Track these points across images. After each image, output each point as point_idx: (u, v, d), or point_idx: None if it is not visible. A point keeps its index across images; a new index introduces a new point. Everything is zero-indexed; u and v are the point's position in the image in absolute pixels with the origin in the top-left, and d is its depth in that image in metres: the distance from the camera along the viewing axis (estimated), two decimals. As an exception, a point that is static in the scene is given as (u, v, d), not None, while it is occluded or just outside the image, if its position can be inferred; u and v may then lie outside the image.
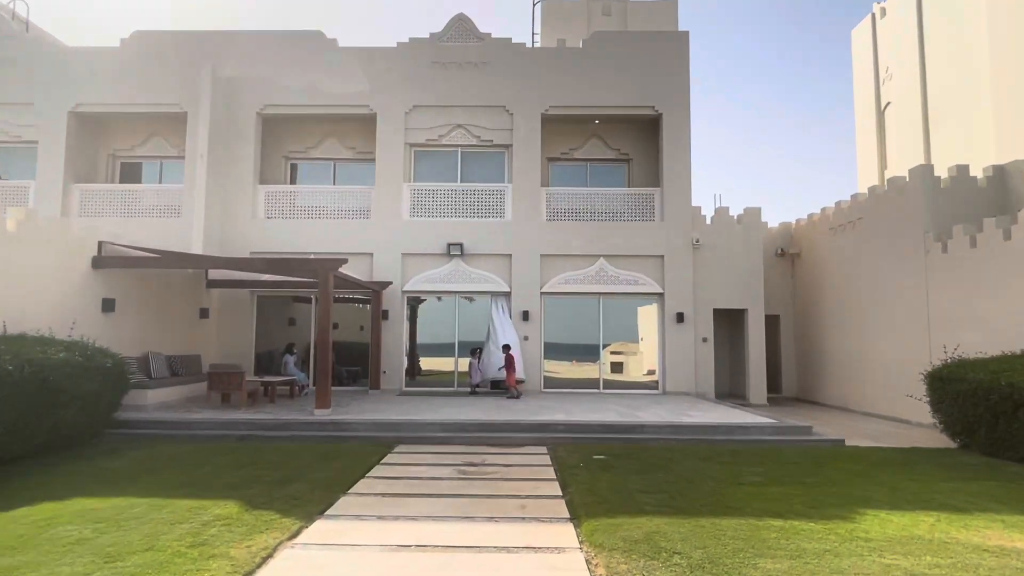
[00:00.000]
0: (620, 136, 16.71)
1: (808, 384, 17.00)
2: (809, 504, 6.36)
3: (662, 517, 5.77)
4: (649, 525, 5.54)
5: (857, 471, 8.02)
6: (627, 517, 5.76)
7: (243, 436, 9.82)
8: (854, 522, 5.77)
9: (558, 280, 15.44)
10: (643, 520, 5.67)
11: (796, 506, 6.27)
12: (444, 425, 10.26)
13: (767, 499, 6.51)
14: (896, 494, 6.82)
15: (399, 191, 15.66)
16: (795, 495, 6.70)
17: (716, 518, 5.77)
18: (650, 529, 5.43)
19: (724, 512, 5.99)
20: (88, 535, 5.12)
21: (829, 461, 8.60)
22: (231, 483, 6.92)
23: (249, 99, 15.83)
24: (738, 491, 6.83)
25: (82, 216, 15.28)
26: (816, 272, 16.64)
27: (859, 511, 6.12)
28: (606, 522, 5.61)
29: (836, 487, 7.13)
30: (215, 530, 5.29)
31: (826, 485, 7.22)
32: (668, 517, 5.78)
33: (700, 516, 5.83)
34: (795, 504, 6.34)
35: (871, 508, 6.24)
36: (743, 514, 5.93)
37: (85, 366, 8.71)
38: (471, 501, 6.44)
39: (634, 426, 10.32)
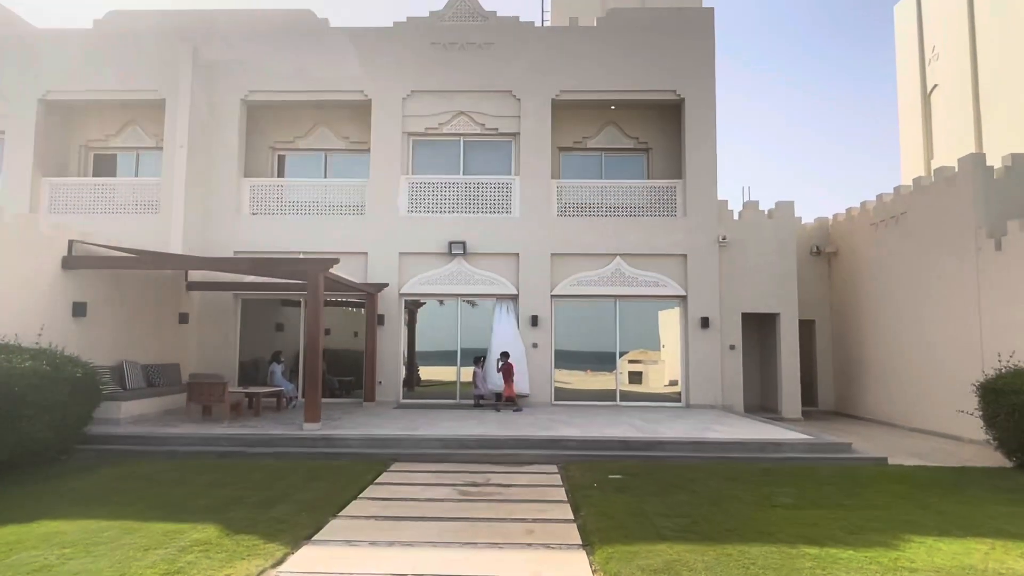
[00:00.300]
0: (638, 123, 16.65)
1: (847, 396, 16.86)
2: (848, 529, 6.28)
3: (684, 544, 5.71)
4: (669, 553, 5.48)
5: (901, 493, 7.92)
6: (645, 544, 5.70)
7: (224, 453, 9.82)
8: (898, 550, 5.69)
9: (570, 282, 15.40)
10: (663, 547, 5.61)
11: (834, 531, 6.19)
12: (444, 441, 10.24)
13: (801, 523, 6.44)
14: (945, 519, 6.72)
15: (396, 184, 15.67)
16: (832, 519, 6.62)
17: (744, 545, 5.70)
18: (670, 557, 5.37)
19: (753, 538, 5.92)
20: (53, 562, 5.12)
21: (870, 481, 8.51)
22: (210, 504, 6.91)
23: (232, 84, 15.89)
24: (769, 514, 6.76)
25: (52, 212, 15.40)
26: (855, 272, 16.51)
27: (904, 537, 6.03)
28: (622, 549, 5.56)
29: (878, 510, 7.04)
30: (192, 557, 5.28)
31: (867, 508, 7.13)
32: (690, 544, 5.72)
33: (726, 543, 5.76)
34: (832, 529, 6.26)
35: (917, 534, 6.15)
36: (774, 540, 5.86)
37: (53, 376, 8.74)
38: (473, 525, 6.40)
39: (653, 443, 10.25)
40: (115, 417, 11.26)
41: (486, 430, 10.97)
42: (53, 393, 8.70)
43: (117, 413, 11.33)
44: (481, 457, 9.77)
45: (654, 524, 6.32)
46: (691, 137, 15.62)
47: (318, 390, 11.05)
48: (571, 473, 8.75)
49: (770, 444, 10.28)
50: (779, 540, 5.87)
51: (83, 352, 10.78)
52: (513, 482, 8.37)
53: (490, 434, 10.57)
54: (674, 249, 15.39)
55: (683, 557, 5.37)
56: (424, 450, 10.03)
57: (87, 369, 9.57)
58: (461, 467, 9.26)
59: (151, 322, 13.60)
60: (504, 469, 9.15)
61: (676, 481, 8.23)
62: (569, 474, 8.71)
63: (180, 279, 14.67)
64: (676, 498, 7.39)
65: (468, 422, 11.97)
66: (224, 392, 11.83)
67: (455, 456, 9.80)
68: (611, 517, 6.55)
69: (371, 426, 11.34)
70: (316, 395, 11.00)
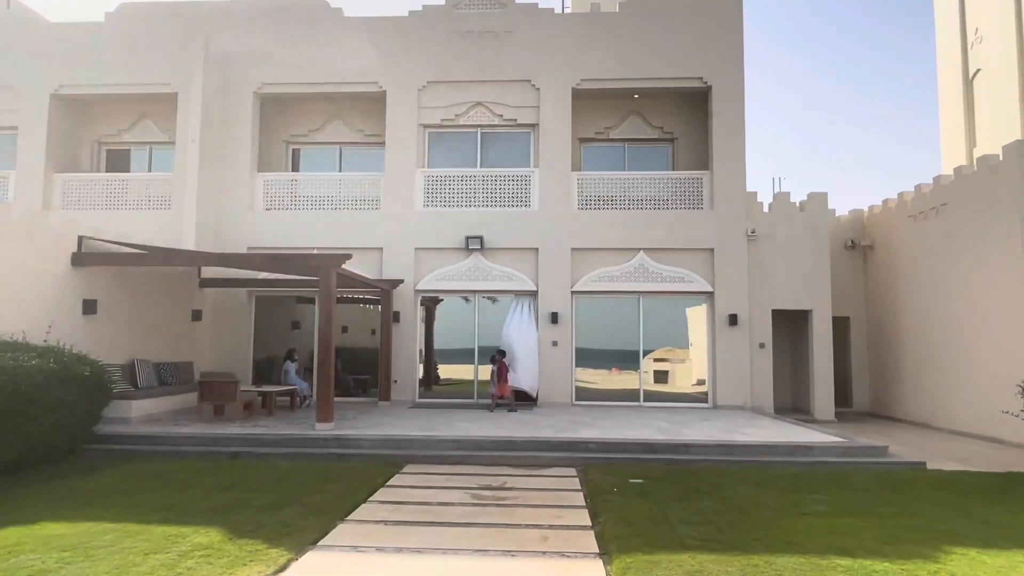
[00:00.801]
0: (663, 112, 16.37)
1: (883, 397, 16.44)
2: (884, 539, 6.04)
3: (708, 553, 5.52)
4: (692, 563, 5.29)
5: (941, 500, 7.64)
6: (666, 553, 5.53)
7: (235, 453, 9.83)
8: (938, 562, 5.45)
9: (591, 277, 15.19)
10: (685, 557, 5.43)
11: (868, 542, 5.96)
12: (459, 442, 10.13)
13: (833, 532, 6.21)
14: (989, 529, 6.45)
15: (411, 178, 15.59)
16: (867, 528, 6.39)
17: (772, 555, 5.50)
18: (693, 568, 5.19)
19: (782, 548, 5.71)
20: (51, 566, 5.09)
21: (908, 487, 8.23)
22: (216, 507, 6.88)
23: (245, 77, 15.93)
24: (799, 523, 6.54)
25: (65, 208, 15.59)
26: (892, 267, 16.07)
27: (944, 549, 5.79)
28: (641, 559, 5.39)
29: (916, 519, 6.78)
30: (192, 562, 5.22)
31: (904, 516, 6.88)
32: (715, 553, 5.53)
33: (753, 553, 5.57)
34: (867, 539, 6.03)
35: (959, 545, 5.89)
36: (804, 551, 5.65)
37: (60, 375, 8.79)
38: (485, 531, 6.28)
39: (678, 445, 10.04)
40: (126, 416, 11.33)
41: (503, 431, 10.84)
42: (60, 392, 8.75)
43: (128, 412, 11.40)
44: (497, 459, 9.64)
45: (676, 532, 6.14)
46: (718, 126, 15.31)
47: (330, 389, 11.00)
48: (590, 477, 8.60)
49: (800, 447, 10.01)
50: (809, 550, 5.65)
51: (94, 350, 10.87)
52: (529, 486, 8.24)
53: (507, 435, 10.44)
54: (701, 243, 15.10)
55: (706, 568, 5.19)
56: (439, 451, 9.93)
57: (95, 367, 9.62)
58: (476, 470, 9.15)
59: (163, 320, 13.69)
60: (521, 472, 9.02)
61: (701, 486, 8.03)
62: (588, 478, 8.55)
63: (193, 276, 14.75)
64: (700, 504, 7.20)
65: (485, 423, 11.85)
66: (236, 391, 11.84)
67: (471, 458, 9.69)
68: (631, 524, 6.38)
69: (385, 426, 11.28)
70: (328, 394, 10.96)
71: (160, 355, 13.40)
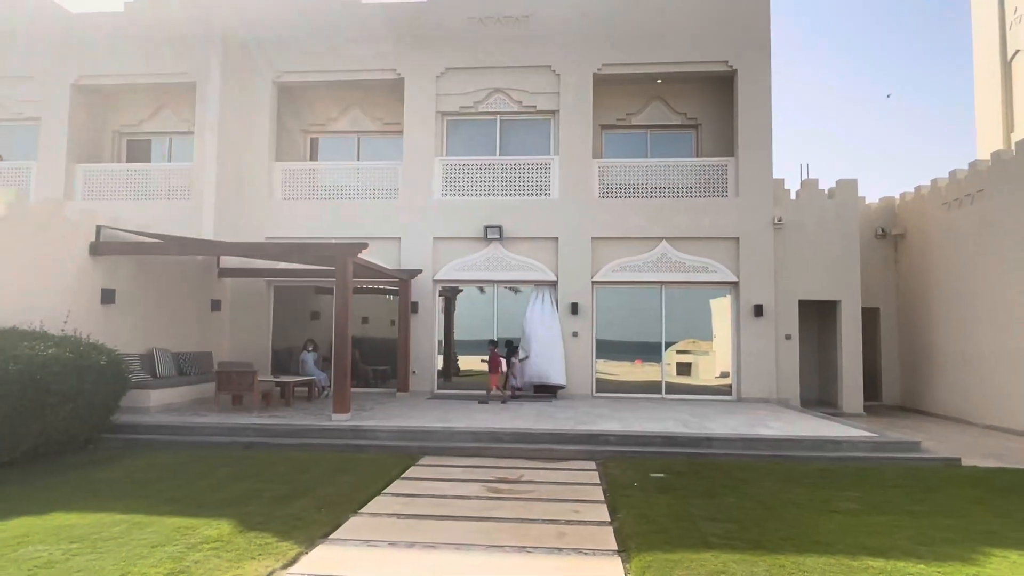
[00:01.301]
0: (686, 98, 16.00)
1: (913, 390, 15.99)
2: (917, 539, 5.77)
3: (732, 552, 5.30)
4: (715, 562, 5.08)
5: (977, 498, 7.33)
6: (688, 551, 5.31)
7: (250, 444, 9.77)
8: (976, 564, 5.18)
9: (612, 267, 14.93)
10: (708, 556, 5.21)
11: (901, 541, 5.69)
12: (476, 434, 9.98)
13: (864, 532, 5.95)
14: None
15: (430, 166, 15.42)
16: (900, 527, 6.11)
17: (799, 555, 5.26)
18: (716, 568, 4.97)
19: (810, 547, 5.46)
20: (58, 557, 5.03)
21: (942, 485, 7.91)
22: (228, 498, 6.80)
23: (263, 66, 15.87)
24: (828, 521, 6.29)
25: (87, 199, 15.66)
26: (925, 256, 15.58)
27: (982, 550, 5.50)
28: (662, 557, 5.18)
29: (951, 518, 6.49)
30: (200, 555, 5.12)
31: (938, 515, 6.58)
32: (739, 553, 5.30)
33: (779, 552, 5.33)
34: (899, 539, 5.76)
35: (997, 547, 5.60)
36: (834, 551, 5.40)
37: (77, 364, 8.78)
38: (500, 526, 6.11)
39: (701, 439, 9.79)
40: (145, 406, 11.36)
41: (522, 423, 10.67)
42: (77, 381, 8.75)
43: (147, 402, 11.43)
44: (515, 452, 9.48)
45: (699, 529, 5.92)
46: (744, 111, 14.91)
47: (347, 380, 10.91)
48: (610, 471, 8.39)
49: (829, 442, 9.71)
50: (839, 551, 5.40)
51: (113, 339, 10.90)
52: (547, 479, 8.06)
53: (525, 427, 10.27)
54: (725, 232, 14.75)
55: (729, 568, 4.97)
56: (455, 443, 9.79)
57: (112, 356, 9.61)
58: (493, 462, 9.00)
59: (182, 309, 13.71)
60: (538, 465, 8.84)
61: (725, 481, 7.79)
62: (608, 472, 8.35)
63: (212, 266, 14.76)
64: (724, 500, 6.96)
65: (503, 414, 11.69)
66: (253, 381, 11.82)
67: (488, 450, 9.54)
68: (651, 520, 6.17)
69: (402, 417, 11.17)
70: (345, 385, 10.87)
71: (179, 345, 13.42)
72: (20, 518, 6.03)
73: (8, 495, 6.91)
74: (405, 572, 5.00)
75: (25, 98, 16.10)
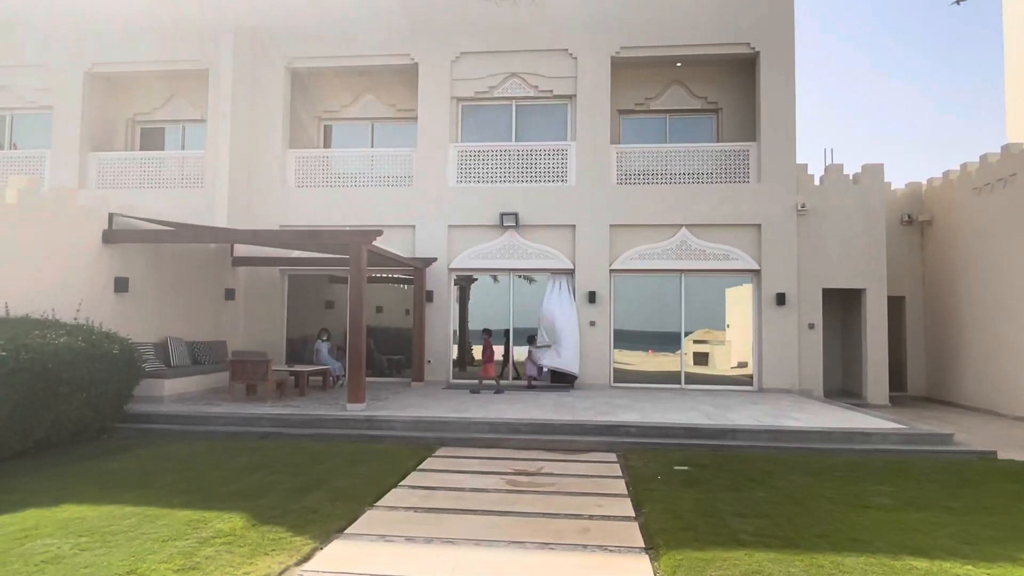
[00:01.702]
0: (707, 81, 15.60)
1: (940, 380, 15.58)
2: (960, 538, 5.48)
3: (766, 551, 5.04)
4: (748, 562, 4.83)
5: (1018, 493, 7.03)
6: (719, 550, 5.06)
7: (265, 434, 9.63)
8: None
9: (631, 255, 14.62)
10: (740, 555, 4.97)
11: (943, 540, 5.41)
12: (494, 425, 9.76)
13: (902, 529, 5.68)
14: (1080, 527, 5.83)
15: (444, 153, 15.16)
16: (939, 524, 5.83)
17: (837, 555, 5.00)
18: (750, 568, 4.72)
19: (846, 546, 5.20)
20: (66, 552, 4.87)
21: (978, 479, 7.61)
22: (241, 490, 6.63)
23: (276, 52, 15.64)
24: (863, 517, 6.01)
25: (100, 187, 15.56)
26: (953, 243, 15.14)
27: (1032, 550, 5.21)
28: (692, 556, 4.93)
29: (993, 515, 6.19)
30: (211, 550, 4.95)
31: (978, 512, 6.29)
32: (773, 551, 5.05)
33: (815, 551, 5.07)
34: (941, 537, 5.48)
35: (1047, 546, 5.30)
36: (873, 549, 5.13)
37: (88, 353, 8.66)
38: (521, 521, 5.89)
39: (724, 431, 9.51)
40: (159, 395, 11.25)
41: (539, 414, 10.45)
42: (89, 370, 8.64)
43: (161, 391, 11.33)
44: (533, 443, 9.26)
45: (728, 526, 5.67)
46: (766, 95, 14.51)
47: (362, 369, 10.72)
48: (632, 463, 8.15)
49: (857, 434, 9.40)
50: (878, 549, 5.13)
51: (127, 328, 10.81)
52: (567, 471, 7.83)
53: (543, 418, 10.04)
54: (747, 219, 14.39)
55: (765, 568, 4.71)
56: (472, 434, 9.58)
57: (125, 345, 9.49)
58: (511, 453, 8.79)
59: (196, 298, 13.59)
60: (558, 457, 8.62)
61: (751, 475, 7.53)
62: (630, 464, 8.11)
63: (225, 254, 14.62)
64: (752, 495, 6.70)
65: (519, 404, 11.47)
66: (267, 370, 11.67)
67: (505, 441, 9.33)
68: (678, 516, 5.93)
69: (418, 407, 10.99)
70: (360, 374, 10.69)
71: (193, 334, 13.31)
72: (30, 510, 5.89)
73: (19, 486, 6.79)
74: (423, 570, 4.80)
75: (39, 86, 16.00)
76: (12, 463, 7.74)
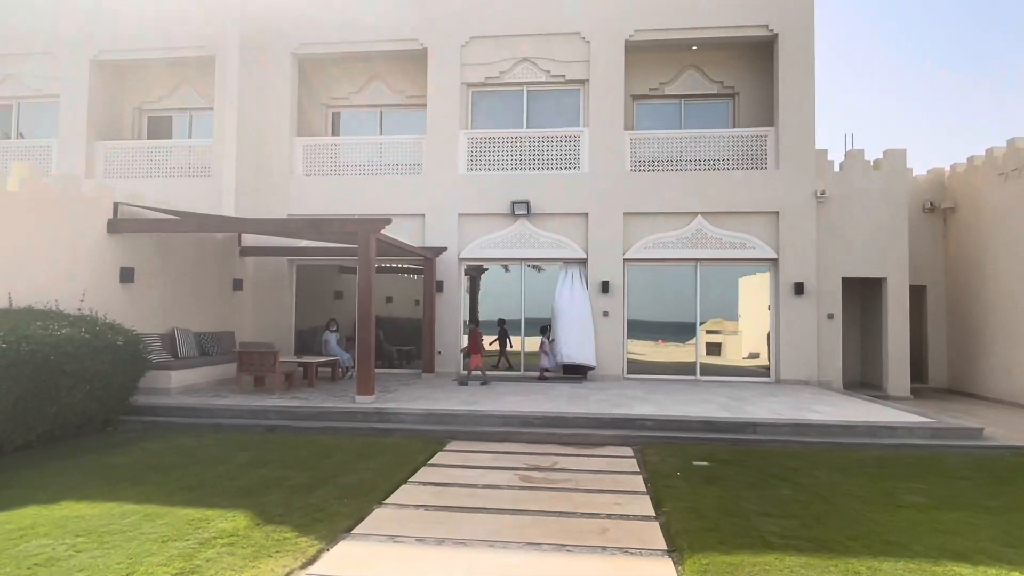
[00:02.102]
0: (723, 65, 15.16)
1: (963, 372, 15.17)
2: (1002, 540, 5.17)
3: (797, 555, 4.75)
4: (780, 567, 4.53)
5: (1058, 492, 6.68)
6: (748, 553, 4.77)
7: (272, 427, 9.41)
8: (1077, 571, 4.56)
9: (645, 244, 14.28)
10: (771, 559, 4.67)
11: (984, 543, 5.09)
12: (506, 418, 9.50)
13: (940, 530, 5.36)
14: None
15: (454, 140, 14.83)
16: (979, 526, 5.51)
17: (873, 559, 4.70)
18: (782, 574, 4.42)
19: (882, 549, 4.90)
20: (62, 553, 4.64)
21: (1014, 476, 7.29)
22: (247, 486, 6.40)
23: (283, 38, 15.33)
24: (896, 517, 5.70)
25: (108, 177, 15.33)
26: (978, 231, 14.68)
27: (1080, 554, 4.89)
28: (719, 560, 4.65)
29: (1035, 515, 5.86)
30: (212, 552, 4.71)
31: (1018, 511, 5.98)
32: (805, 555, 4.75)
33: (850, 555, 4.77)
34: (982, 540, 5.17)
35: (1097, 550, 4.98)
36: (911, 553, 4.83)
37: (92, 344, 8.45)
38: (536, 520, 5.63)
39: (744, 424, 9.20)
40: (165, 387, 11.05)
41: (552, 406, 10.17)
42: (93, 362, 8.43)
43: (168, 383, 11.12)
44: (546, 437, 8.99)
45: (755, 526, 5.37)
46: (785, 78, 14.07)
47: (371, 361, 10.47)
48: (649, 458, 7.87)
49: (883, 428, 9.06)
50: (917, 553, 4.83)
51: (133, 319, 10.63)
52: (583, 467, 7.55)
53: (557, 411, 9.76)
54: (764, 206, 14.00)
55: (798, 573, 4.42)
56: (484, 427, 9.32)
57: (129, 336, 9.27)
58: (524, 448, 8.52)
59: (204, 289, 13.37)
60: (572, 451, 8.35)
61: (775, 471, 7.22)
62: (647, 459, 7.83)
63: (233, 244, 14.40)
64: (778, 492, 6.40)
65: (532, 397, 11.20)
66: (275, 362, 11.45)
67: (518, 435, 9.06)
68: (701, 515, 5.64)
69: (428, 400, 10.74)
70: (369, 366, 10.44)
71: (201, 325, 13.12)
72: (28, 507, 5.68)
73: (20, 480, 6.59)
74: (434, 574, 4.54)
75: (44, 75, 15.78)
76: (14, 456, 7.55)
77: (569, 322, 13.64)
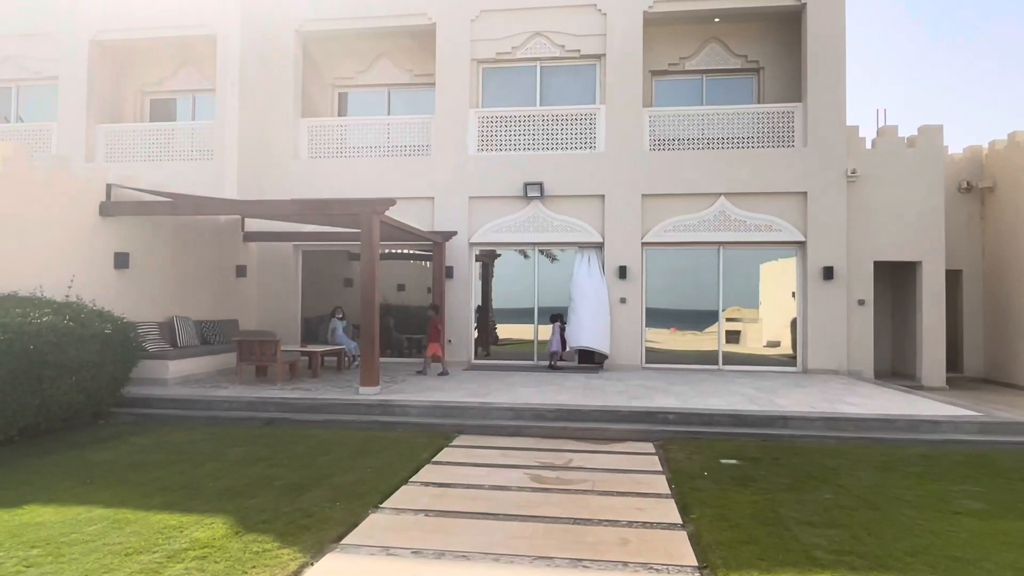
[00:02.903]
0: (748, 38, 14.32)
1: (1001, 361, 14.32)
2: (1083, 556, 4.47)
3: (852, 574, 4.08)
4: (832, 591, 3.88)
5: None
6: (792, 572, 4.12)
7: (270, 420, 8.87)
8: None
9: (664, 226, 13.54)
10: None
11: (1065, 560, 4.40)
12: (517, 410, 8.88)
13: (1009, 542, 4.68)
14: None
15: (464, 120, 14.15)
16: (1053, 538, 4.81)
17: (940, 581, 4.03)
18: (835, 600, 3.78)
19: (948, 567, 4.23)
20: (9, 569, 4.09)
21: (1079, 477, 6.54)
22: (233, 487, 5.84)
23: (286, 14, 14.69)
24: (955, 526, 5.02)
25: (109, 160, 14.83)
26: (1018, 211, 13.78)
27: None
28: (759, 581, 4.01)
29: (1113, 524, 5.15)
30: (181, 567, 4.14)
31: (1093, 519, 5.26)
32: (861, 574, 4.09)
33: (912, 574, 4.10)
34: (1060, 555, 4.47)
35: None
36: (984, 573, 4.15)
37: (77, 333, 7.93)
38: (549, 529, 5.01)
39: (774, 418, 8.51)
40: (162, 377, 10.56)
41: (567, 399, 9.54)
42: (79, 351, 7.92)
43: (165, 373, 10.62)
44: (560, 431, 8.37)
45: (797, 538, 4.72)
46: (813, 51, 13.22)
47: (375, 350, 9.88)
48: (672, 455, 7.22)
49: (924, 422, 8.35)
50: (990, 573, 4.15)
51: (127, 307, 10.11)
52: (599, 465, 6.93)
53: (571, 403, 9.13)
54: (791, 186, 13.20)
55: (854, 600, 3.77)
56: (494, 421, 8.72)
57: (119, 324, 8.76)
58: (536, 443, 7.92)
59: (205, 275, 12.85)
60: (588, 447, 7.72)
61: (812, 470, 6.55)
62: (670, 456, 7.18)
63: (236, 229, 13.87)
64: (818, 496, 5.73)
65: (545, 387, 10.58)
66: (276, 351, 10.91)
67: (529, 429, 8.45)
68: (734, 524, 4.99)
69: (435, 391, 10.15)
70: (373, 355, 9.85)
71: (202, 312, 12.61)
72: (-11, 512, 5.16)
73: (-10, 480, 6.08)
74: (431, 594, 3.95)
75: (42, 56, 15.24)
76: (-7, 452, 7.07)
77: (585, 306, 12.99)
